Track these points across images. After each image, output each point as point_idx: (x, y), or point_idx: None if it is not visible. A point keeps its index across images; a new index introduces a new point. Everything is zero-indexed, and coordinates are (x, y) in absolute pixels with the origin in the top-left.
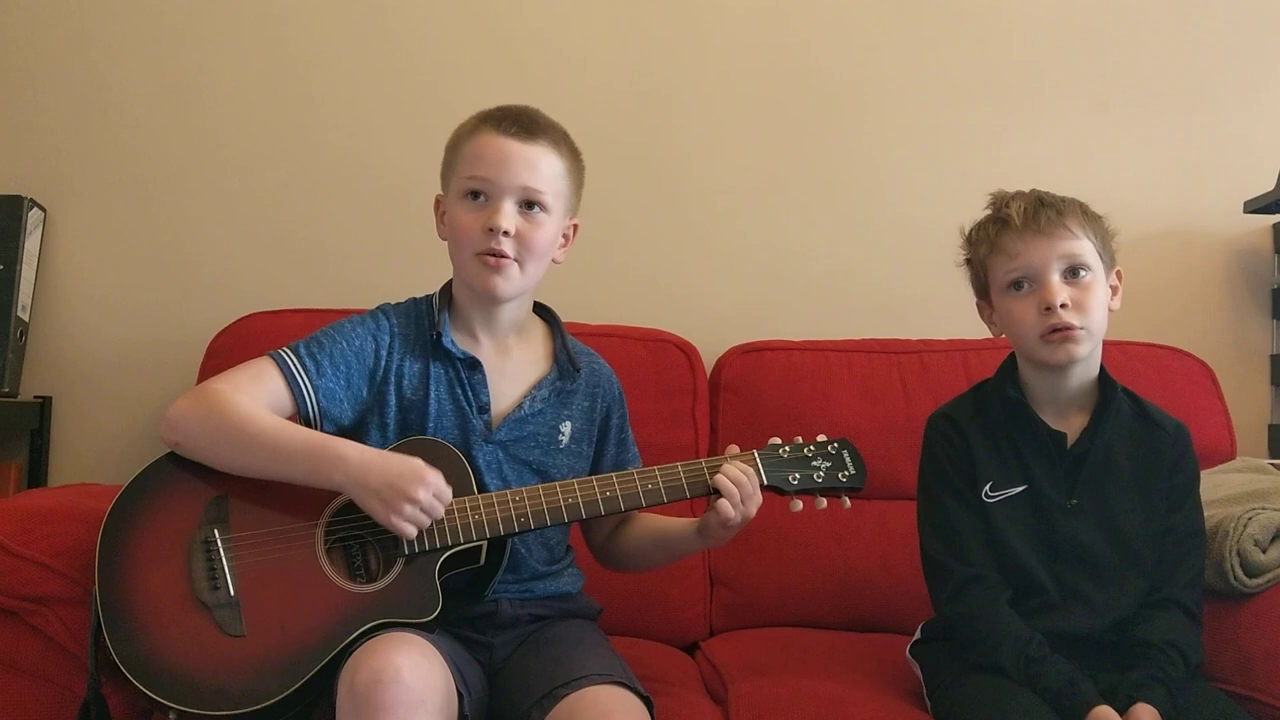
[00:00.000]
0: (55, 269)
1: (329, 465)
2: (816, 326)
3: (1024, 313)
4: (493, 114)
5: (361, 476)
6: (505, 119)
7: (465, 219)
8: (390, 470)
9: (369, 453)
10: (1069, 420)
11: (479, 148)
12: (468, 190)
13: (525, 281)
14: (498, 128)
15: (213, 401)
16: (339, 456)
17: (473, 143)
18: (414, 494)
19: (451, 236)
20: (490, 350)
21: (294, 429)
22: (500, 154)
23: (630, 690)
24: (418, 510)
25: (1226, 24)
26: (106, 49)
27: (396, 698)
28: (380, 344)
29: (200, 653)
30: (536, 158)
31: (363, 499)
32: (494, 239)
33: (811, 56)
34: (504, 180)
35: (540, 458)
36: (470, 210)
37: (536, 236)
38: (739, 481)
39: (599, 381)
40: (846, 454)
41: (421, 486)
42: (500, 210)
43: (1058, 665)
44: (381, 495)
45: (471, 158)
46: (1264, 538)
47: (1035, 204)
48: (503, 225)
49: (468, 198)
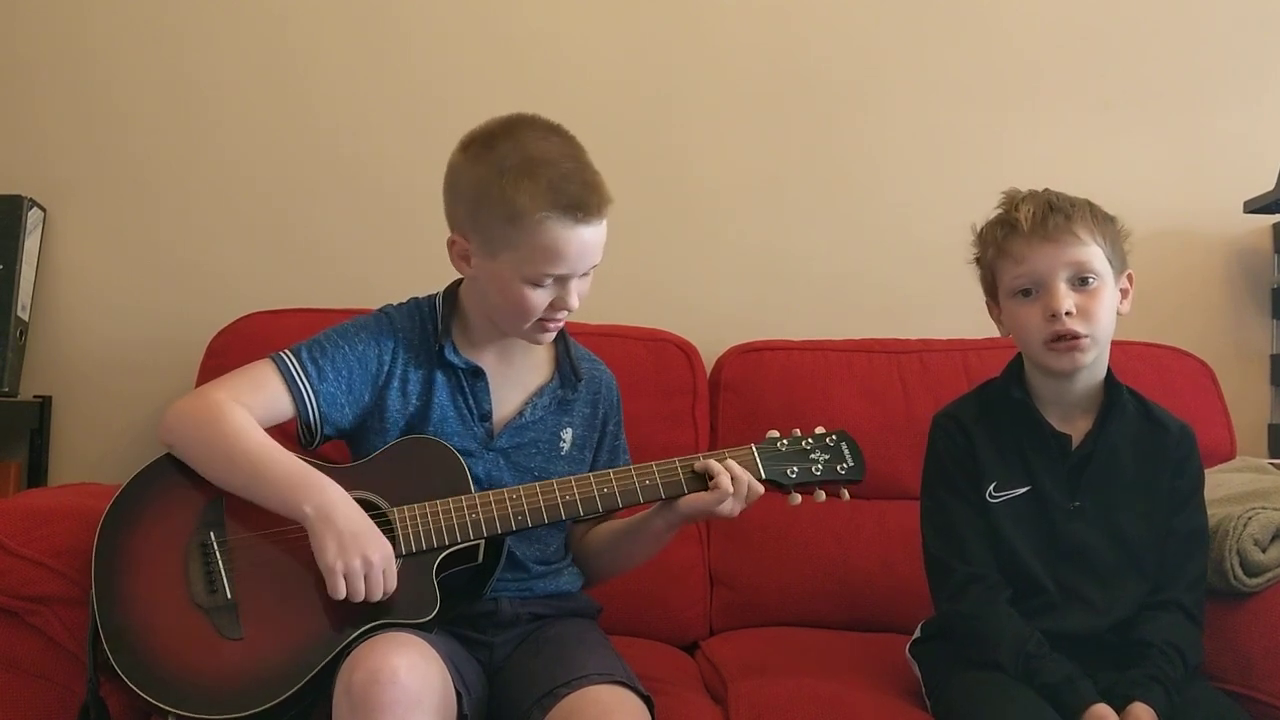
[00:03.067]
0: (55, 269)
1: (304, 495)
2: (816, 326)
3: (1030, 318)
4: (563, 197)
5: (331, 513)
6: (581, 206)
7: (534, 299)
8: (362, 523)
9: (350, 501)
10: (1074, 422)
11: (559, 243)
12: (541, 281)
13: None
14: (575, 218)
15: (209, 411)
16: (319, 490)
17: (547, 234)
18: (371, 555)
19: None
20: (494, 358)
21: (281, 454)
22: (581, 245)
23: (630, 690)
24: (363, 570)
25: (1226, 24)
26: (106, 49)
27: (394, 698)
28: (384, 349)
29: (198, 656)
30: (602, 235)
31: (320, 533)
32: (561, 313)
33: (812, 56)
34: (580, 268)
35: (542, 464)
36: (540, 293)
37: (586, 290)
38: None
39: (599, 388)
40: (845, 445)
41: (380, 554)
42: (573, 291)
43: (1056, 663)
44: (341, 538)
45: (549, 251)
46: (1264, 537)
47: (1044, 208)
48: (575, 305)
49: (539, 284)
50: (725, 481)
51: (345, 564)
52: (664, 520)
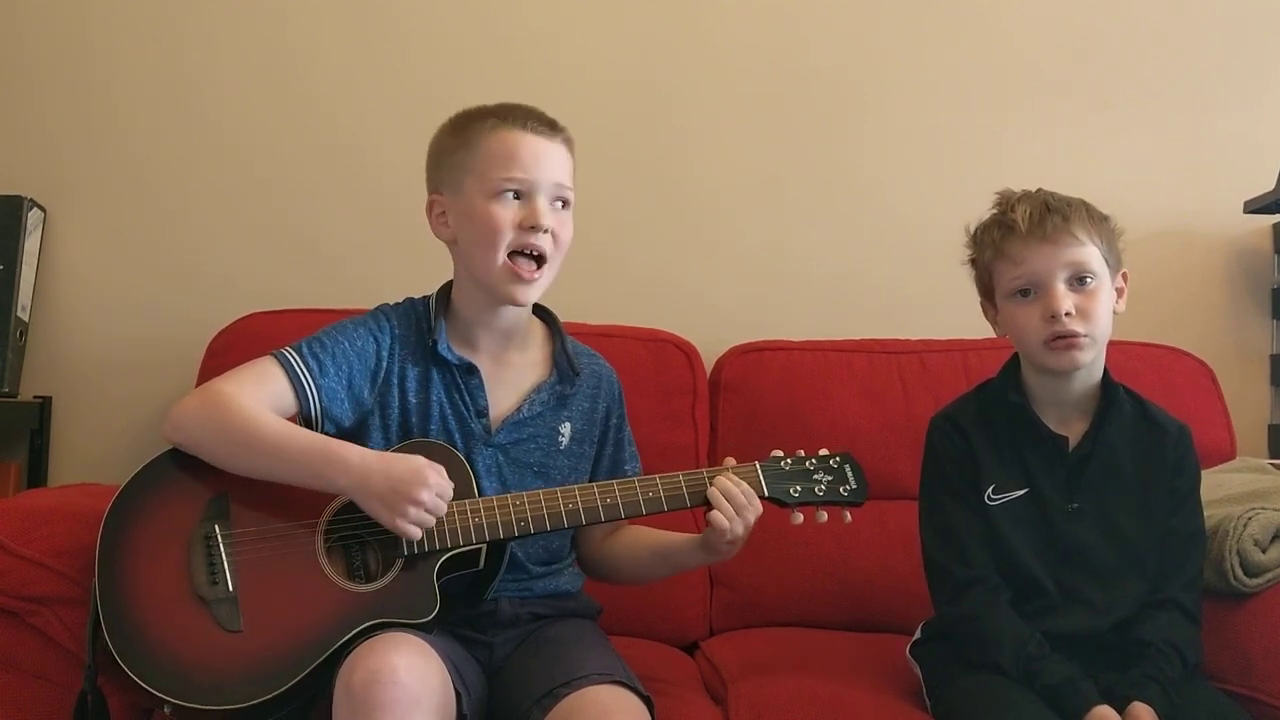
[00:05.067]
0: (55, 269)
1: (332, 469)
2: (816, 326)
3: (1028, 319)
4: (507, 111)
5: (364, 480)
6: (527, 116)
7: (500, 215)
8: (393, 473)
9: (370, 456)
10: (1071, 423)
11: (508, 146)
12: (499, 190)
13: (546, 284)
14: (523, 125)
15: (217, 403)
16: (342, 460)
17: (498, 140)
18: (417, 495)
19: (476, 234)
20: (487, 356)
21: (297, 431)
22: (533, 151)
23: (630, 690)
24: (421, 511)
25: (1226, 24)
26: (106, 49)
27: (393, 698)
28: (381, 345)
29: (197, 647)
30: (563, 155)
31: (366, 502)
32: (534, 235)
33: (812, 56)
34: (540, 177)
35: (541, 459)
36: (505, 208)
37: (565, 232)
38: (729, 493)
39: (600, 382)
40: (848, 468)
41: (424, 488)
42: (541, 209)
43: (1057, 664)
44: (385, 499)
45: (501, 157)
46: (1264, 538)
47: (1041, 209)
48: (545, 223)
49: (500, 197)
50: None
51: (402, 519)
52: (695, 558)
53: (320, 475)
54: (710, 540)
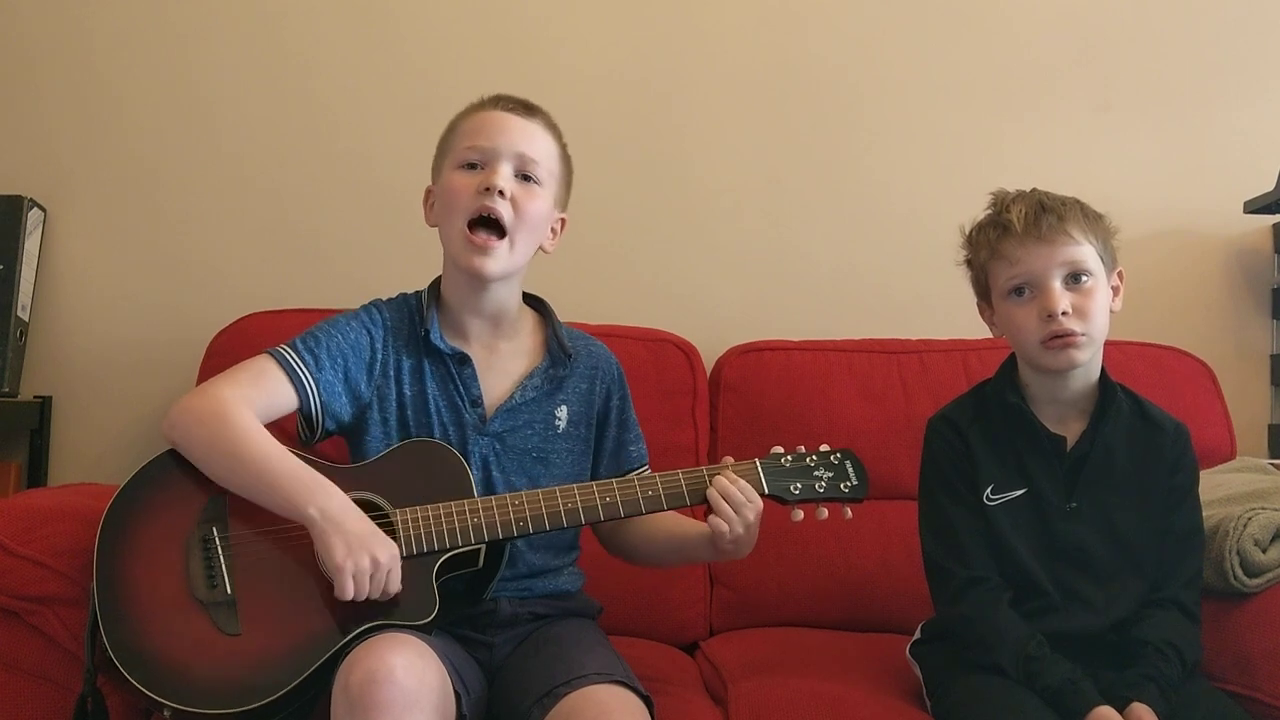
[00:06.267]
0: (55, 269)
1: (309, 497)
2: (816, 326)
3: (1025, 319)
4: (489, 97)
5: (339, 517)
6: (502, 99)
7: (460, 183)
8: (367, 526)
9: (353, 505)
10: (1069, 423)
11: (477, 122)
12: (464, 161)
13: (513, 260)
14: (495, 105)
15: (216, 410)
16: (325, 495)
17: (470, 119)
18: (379, 555)
19: (443, 207)
20: (479, 344)
21: (287, 457)
22: (498, 124)
23: (630, 690)
24: (370, 572)
25: (1226, 24)
26: (107, 48)
27: (391, 698)
28: (374, 337)
29: (196, 650)
30: (533, 132)
31: (329, 535)
32: (489, 197)
33: (812, 56)
34: (501, 145)
35: (539, 444)
36: (466, 175)
37: (531, 206)
38: (727, 492)
39: (597, 364)
40: (849, 464)
41: (388, 554)
42: (497, 171)
43: (1058, 665)
44: (349, 540)
45: (469, 131)
46: (1264, 538)
47: (1037, 209)
48: (499, 184)
49: (463, 168)
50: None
51: (355, 564)
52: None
53: (296, 500)
54: (714, 540)
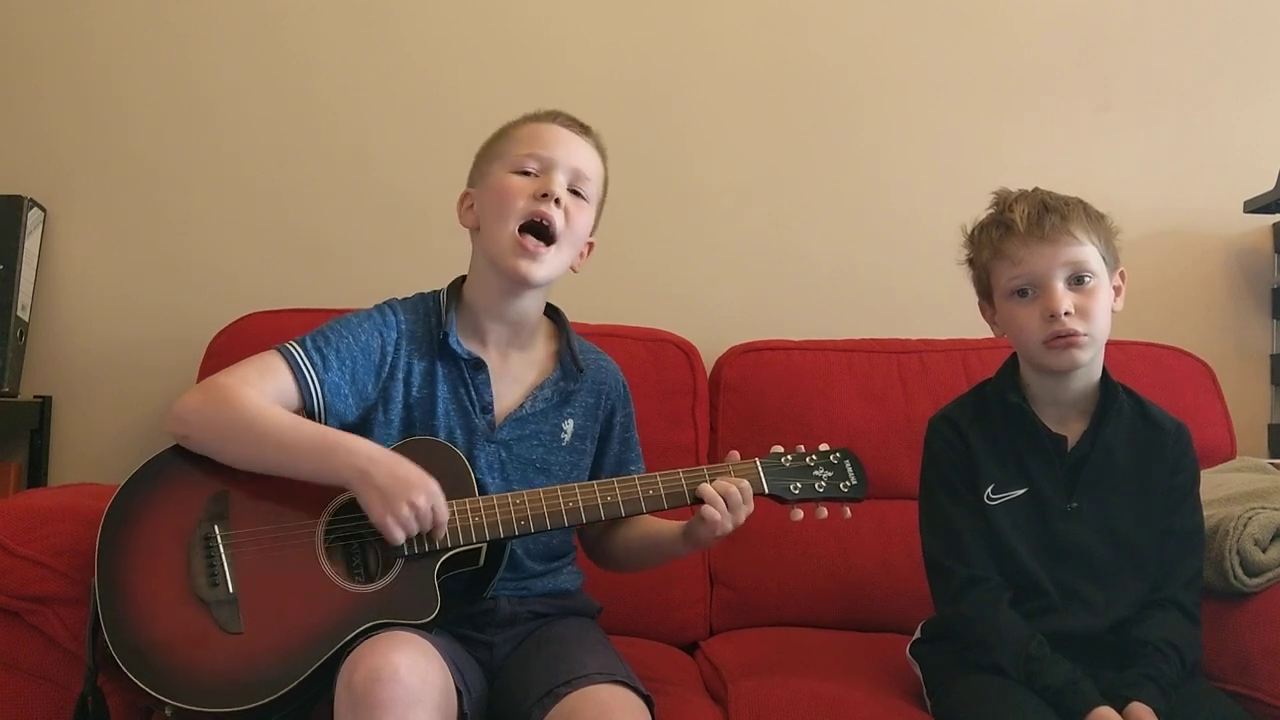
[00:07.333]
0: (55, 269)
1: (337, 459)
2: (816, 326)
3: (1027, 319)
4: (546, 111)
5: (369, 469)
6: (560, 115)
7: (516, 184)
8: (398, 471)
9: (377, 449)
10: (1070, 423)
11: (535, 131)
12: (519, 168)
13: (555, 269)
14: (553, 119)
15: (221, 396)
16: (348, 451)
17: (526, 128)
18: (415, 498)
19: (491, 209)
20: (495, 351)
21: (302, 424)
22: (557, 136)
23: (631, 689)
24: (413, 516)
25: (1226, 24)
26: (107, 48)
27: (394, 696)
28: (387, 340)
29: (197, 649)
30: (588, 150)
31: (364, 491)
32: (545, 204)
33: (812, 56)
34: (559, 156)
35: (543, 455)
36: (521, 180)
37: (580, 219)
38: (726, 493)
39: (605, 379)
40: (849, 464)
41: (424, 494)
42: (555, 179)
43: (1058, 665)
44: (384, 491)
45: (526, 139)
46: (1264, 537)
47: (1039, 209)
48: (557, 191)
49: (518, 174)
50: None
51: (394, 515)
52: (680, 548)
53: (325, 465)
54: (696, 532)
